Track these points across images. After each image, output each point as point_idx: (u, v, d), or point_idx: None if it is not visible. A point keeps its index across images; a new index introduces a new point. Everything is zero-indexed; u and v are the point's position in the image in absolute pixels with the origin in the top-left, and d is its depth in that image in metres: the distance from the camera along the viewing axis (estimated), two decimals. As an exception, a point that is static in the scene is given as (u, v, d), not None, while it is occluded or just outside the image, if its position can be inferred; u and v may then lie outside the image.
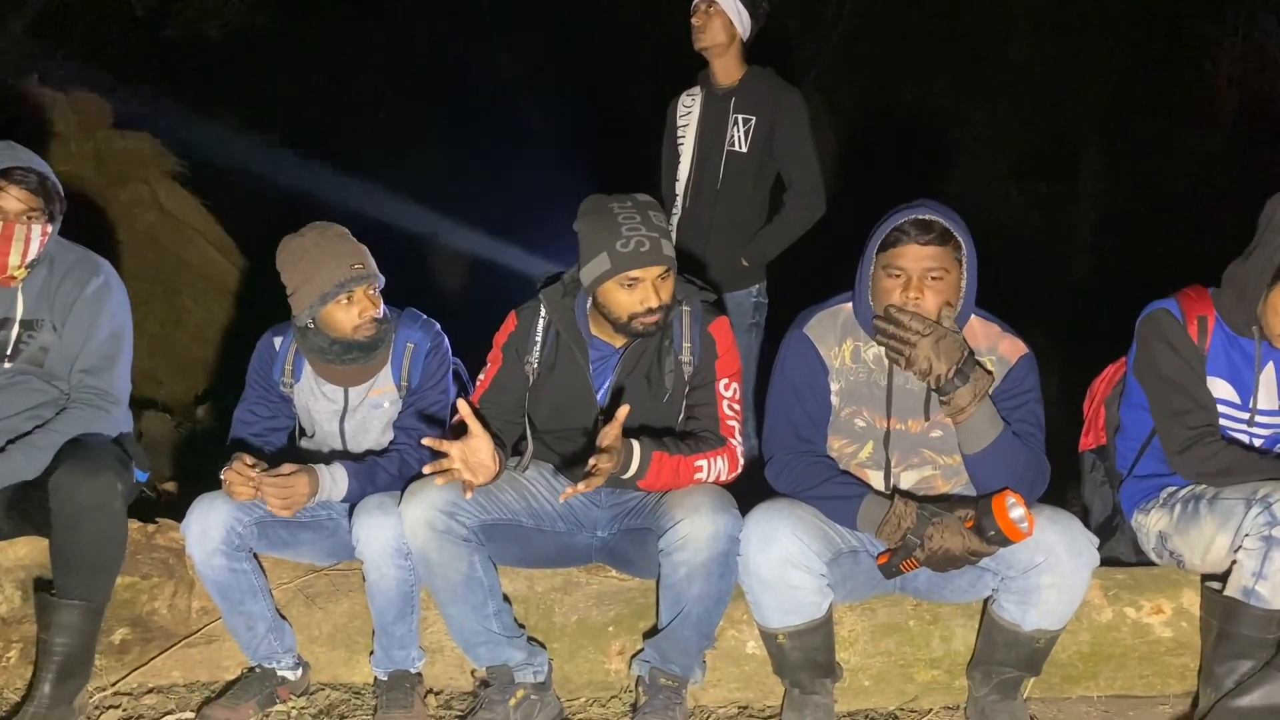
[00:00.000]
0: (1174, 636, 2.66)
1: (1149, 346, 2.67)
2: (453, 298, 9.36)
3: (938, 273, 2.32)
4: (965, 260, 2.36)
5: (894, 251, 2.33)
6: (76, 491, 2.51)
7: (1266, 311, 2.55)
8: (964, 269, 2.37)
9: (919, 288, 2.32)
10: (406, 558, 2.50)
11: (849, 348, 2.53)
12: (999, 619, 2.43)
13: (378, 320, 2.74)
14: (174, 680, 2.83)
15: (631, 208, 2.51)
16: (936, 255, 2.31)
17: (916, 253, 2.31)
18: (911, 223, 2.31)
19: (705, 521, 2.33)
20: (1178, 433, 2.60)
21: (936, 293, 2.33)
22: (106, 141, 6.94)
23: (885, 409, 2.50)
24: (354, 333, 2.72)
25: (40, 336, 2.75)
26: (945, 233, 2.31)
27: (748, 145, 3.72)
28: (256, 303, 6.68)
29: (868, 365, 2.52)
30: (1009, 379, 2.46)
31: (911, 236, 2.31)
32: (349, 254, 2.70)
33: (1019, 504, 2.23)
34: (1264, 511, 2.34)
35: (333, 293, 2.66)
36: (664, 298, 2.52)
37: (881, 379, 2.50)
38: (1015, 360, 2.47)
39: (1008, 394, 2.44)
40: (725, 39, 3.71)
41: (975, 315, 2.48)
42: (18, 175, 2.64)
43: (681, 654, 2.51)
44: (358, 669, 2.82)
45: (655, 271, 2.48)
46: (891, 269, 2.34)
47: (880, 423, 2.51)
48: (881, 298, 2.37)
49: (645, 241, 2.45)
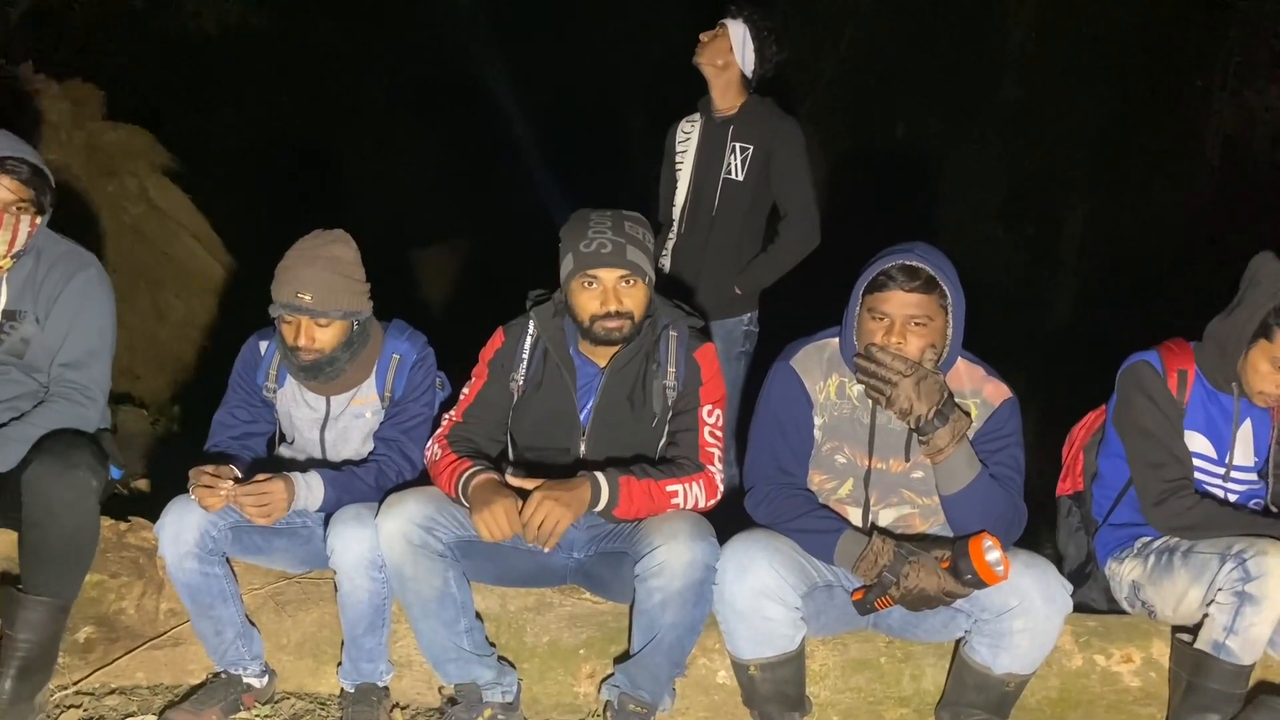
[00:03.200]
0: (1142, 686, 2.67)
1: (1129, 398, 2.70)
2: (443, 307, 9.34)
3: (921, 319, 2.33)
4: (951, 307, 2.37)
5: (879, 296, 2.34)
6: (50, 487, 2.48)
7: (1246, 369, 2.59)
8: (949, 315, 2.38)
9: (901, 333, 2.33)
10: (380, 570, 2.49)
11: (834, 383, 2.54)
12: (970, 660, 2.44)
13: (317, 351, 2.67)
14: (137, 682, 2.80)
15: (607, 216, 2.56)
16: (921, 303, 2.32)
17: (901, 299, 2.32)
18: (899, 268, 2.33)
19: (682, 549, 2.32)
20: (1153, 485, 2.63)
21: (919, 338, 2.34)
22: (98, 132, 6.92)
23: (867, 447, 2.51)
24: (292, 353, 2.69)
25: (22, 328, 2.73)
26: (931, 280, 2.32)
27: (744, 174, 3.74)
28: (241, 302, 6.65)
29: (852, 402, 2.53)
30: (991, 422, 2.47)
31: (898, 282, 2.32)
32: (306, 280, 2.60)
33: (995, 547, 2.24)
34: (1237, 567, 2.36)
35: (277, 309, 2.65)
36: (628, 305, 2.53)
37: (865, 417, 2.51)
38: (999, 404, 2.49)
39: (989, 437, 2.46)
40: (722, 64, 3.74)
41: (961, 358, 2.49)
42: (10, 165, 2.62)
43: (652, 680, 2.50)
44: (324, 679, 2.79)
45: (615, 274, 2.50)
46: (876, 312, 2.35)
47: (861, 460, 2.52)
48: (865, 339, 2.39)
49: (608, 244, 2.49)
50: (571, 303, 2.57)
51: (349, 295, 2.67)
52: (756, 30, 3.71)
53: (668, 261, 3.86)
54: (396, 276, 8.01)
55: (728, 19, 3.74)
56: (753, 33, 3.71)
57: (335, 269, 2.65)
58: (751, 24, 3.71)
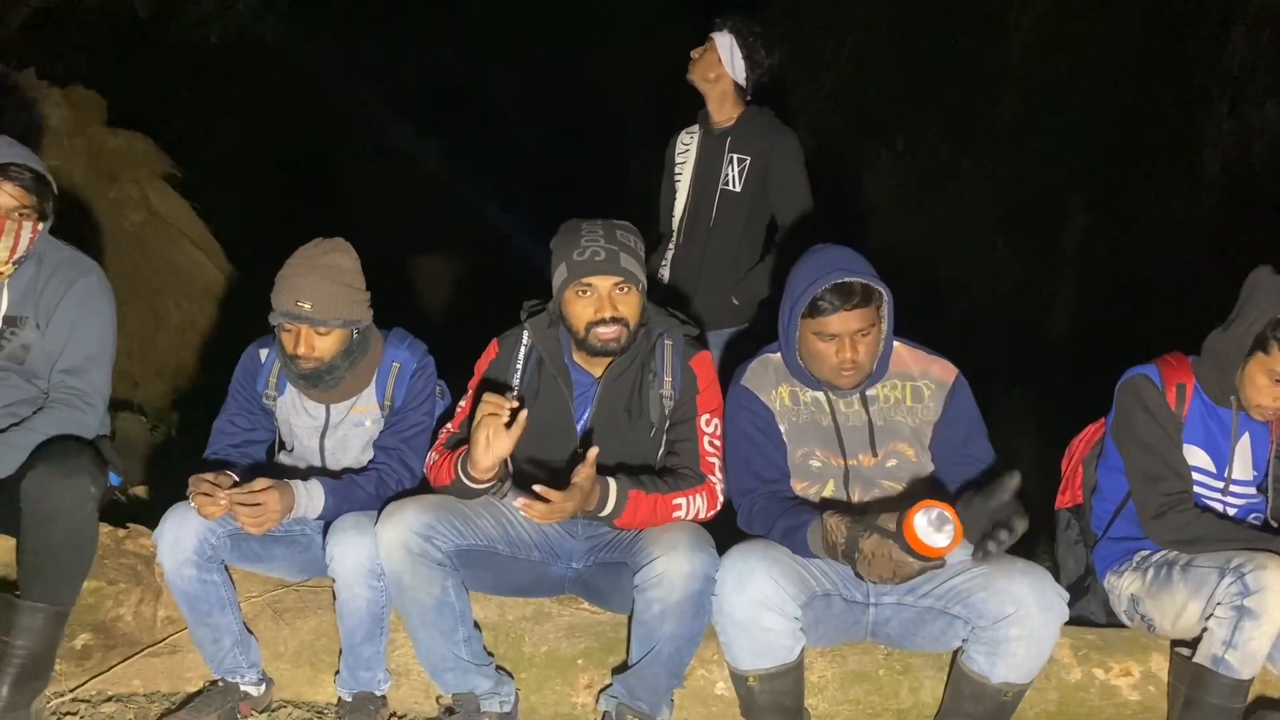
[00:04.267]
0: (1141, 700, 2.67)
1: (1127, 412, 2.70)
2: (442, 315, 9.34)
3: (865, 330, 2.44)
4: (886, 305, 2.47)
5: (821, 321, 2.43)
6: (48, 494, 2.48)
7: (1244, 382, 2.59)
8: (885, 314, 2.48)
9: (852, 347, 2.44)
10: (379, 578, 2.49)
11: (785, 391, 2.62)
12: (967, 670, 2.44)
13: (316, 359, 2.67)
14: (134, 689, 2.79)
15: (599, 225, 2.57)
16: (862, 316, 2.43)
17: (842, 318, 2.42)
18: (832, 290, 2.40)
19: (681, 560, 2.33)
20: (1152, 499, 2.63)
21: (866, 346, 2.46)
22: (99, 138, 6.91)
23: (837, 446, 2.57)
24: (291, 361, 2.69)
25: (23, 334, 2.73)
26: (866, 292, 2.41)
27: (741, 184, 3.75)
28: (240, 309, 6.65)
29: (808, 407, 2.61)
30: (950, 406, 2.56)
31: (836, 306, 2.41)
32: (305, 289, 2.61)
33: (933, 511, 2.09)
34: (1236, 581, 2.36)
35: (277, 317, 2.65)
36: (623, 311, 2.53)
37: (824, 419, 2.58)
38: (951, 382, 2.57)
39: (951, 422, 2.54)
40: (714, 76, 3.76)
41: (900, 343, 2.59)
42: (13, 171, 2.62)
43: (650, 691, 2.50)
44: (322, 688, 2.79)
45: (609, 281, 2.51)
46: (822, 335, 2.45)
47: (836, 460, 2.58)
48: (816, 358, 2.49)
49: (601, 251, 2.50)
50: (565, 312, 2.57)
51: (349, 304, 2.68)
52: (742, 37, 3.72)
53: (667, 272, 3.87)
54: (396, 284, 8.02)
55: (714, 32, 3.76)
56: (739, 40, 3.72)
57: (335, 278, 2.65)
58: (736, 32, 3.72)
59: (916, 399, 2.58)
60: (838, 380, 2.50)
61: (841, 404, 2.58)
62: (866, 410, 2.57)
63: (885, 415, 2.57)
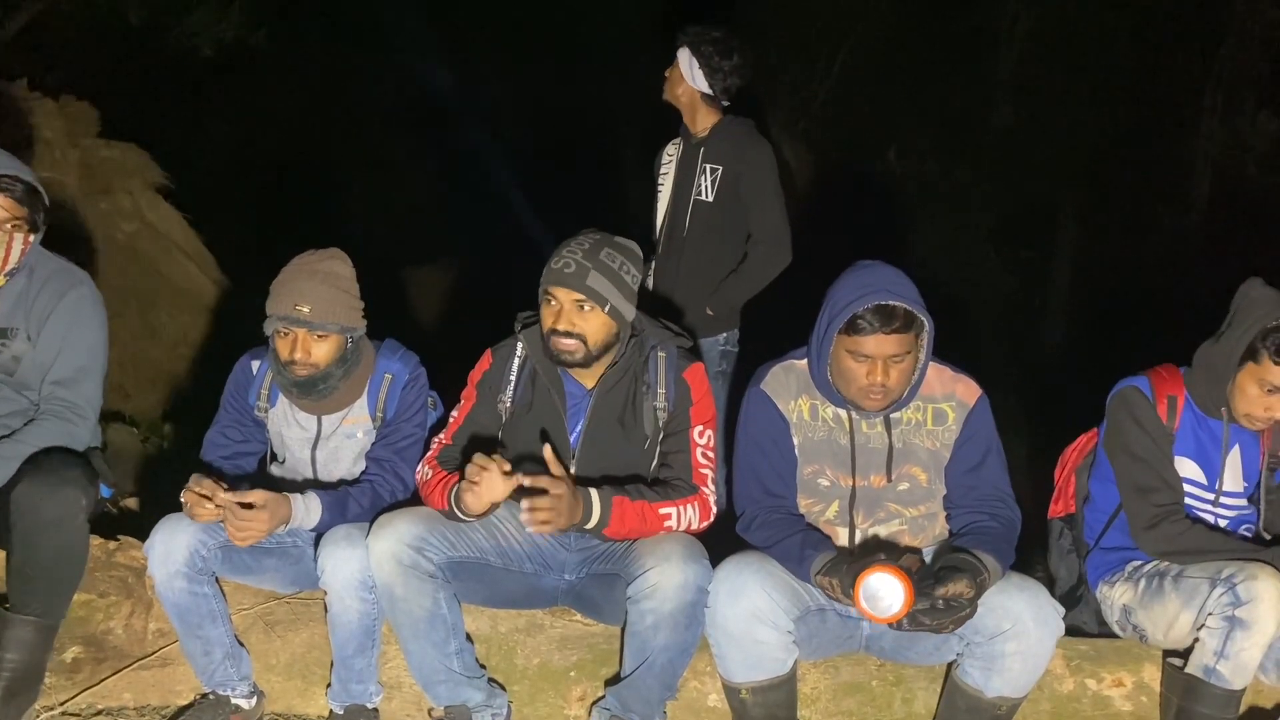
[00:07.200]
0: (1133, 710, 2.67)
1: (1118, 423, 2.71)
2: (435, 327, 9.34)
3: (900, 357, 2.38)
4: (927, 335, 2.41)
5: (858, 339, 2.36)
6: (39, 506, 2.47)
7: (1235, 392, 2.60)
8: (924, 342, 2.42)
9: (884, 371, 2.38)
10: (371, 591, 2.48)
11: (805, 404, 2.57)
12: (962, 684, 2.43)
13: (312, 365, 2.67)
14: (124, 702, 2.78)
15: (592, 239, 2.57)
16: (900, 342, 2.36)
17: (880, 341, 2.35)
18: (874, 311, 2.33)
19: (675, 571, 2.32)
20: (1143, 510, 2.63)
21: (900, 372, 2.40)
22: (92, 149, 6.91)
23: (849, 468, 2.53)
24: (286, 368, 2.69)
25: (13, 345, 2.73)
26: (908, 318, 2.35)
27: (714, 195, 3.78)
28: (232, 321, 6.64)
29: (827, 423, 2.55)
30: (968, 425, 2.52)
31: (875, 327, 2.34)
32: (304, 293, 2.62)
33: (882, 578, 2.12)
34: (1228, 591, 2.36)
35: (272, 322, 2.65)
36: (580, 328, 2.52)
37: (843, 438, 2.53)
38: (973, 403, 2.54)
39: (967, 441, 2.51)
40: (680, 91, 3.82)
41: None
42: (4, 183, 2.62)
43: (643, 703, 2.49)
44: (313, 700, 2.78)
45: (570, 296, 2.51)
46: (856, 354, 2.38)
47: (845, 481, 2.54)
48: (845, 376, 2.42)
49: (572, 264, 2.50)
50: (540, 315, 2.60)
51: (346, 310, 2.68)
52: (696, 48, 3.75)
53: (651, 282, 3.89)
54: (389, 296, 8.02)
55: (677, 49, 3.80)
56: (694, 52, 3.75)
57: (333, 283, 2.67)
58: (691, 44, 3.76)
59: (938, 421, 2.54)
60: (863, 402, 2.44)
61: (864, 424, 2.52)
62: (889, 433, 2.52)
63: (904, 438, 2.53)
